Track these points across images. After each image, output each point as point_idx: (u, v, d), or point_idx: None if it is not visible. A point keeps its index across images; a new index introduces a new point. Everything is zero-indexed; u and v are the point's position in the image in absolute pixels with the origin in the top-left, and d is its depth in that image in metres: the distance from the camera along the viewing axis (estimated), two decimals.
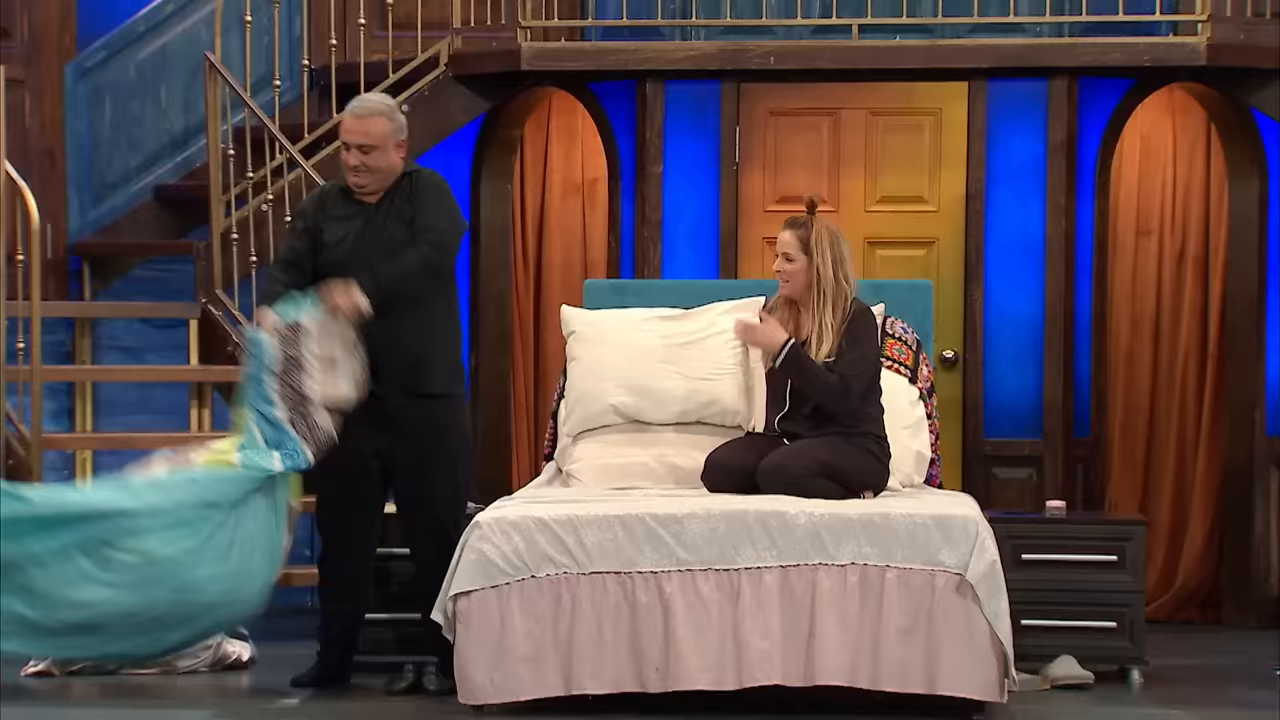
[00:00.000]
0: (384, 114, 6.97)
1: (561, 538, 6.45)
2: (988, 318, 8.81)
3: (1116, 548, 7.27)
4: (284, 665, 7.29)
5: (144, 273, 9.44)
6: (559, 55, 8.94)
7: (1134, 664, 7.27)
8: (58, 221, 9.32)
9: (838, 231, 6.93)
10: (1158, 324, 9.14)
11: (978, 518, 6.54)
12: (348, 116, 6.99)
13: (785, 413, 6.91)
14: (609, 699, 6.45)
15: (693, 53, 8.85)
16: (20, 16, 9.27)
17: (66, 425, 9.22)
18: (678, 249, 8.95)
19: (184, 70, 9.48)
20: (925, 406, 7.41)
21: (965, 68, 8.75)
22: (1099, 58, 8.68)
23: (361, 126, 6.93)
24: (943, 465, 7.74)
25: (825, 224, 6.91)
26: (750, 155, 8.95)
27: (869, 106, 8.92)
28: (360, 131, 6.93)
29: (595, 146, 9.33)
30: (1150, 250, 9.15)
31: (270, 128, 8.81)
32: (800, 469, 6.69)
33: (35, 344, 8.34)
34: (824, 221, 6.91)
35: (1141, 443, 9.13)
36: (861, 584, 6.40)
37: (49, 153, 9.34)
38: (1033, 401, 8.78)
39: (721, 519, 6.46)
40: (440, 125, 9.06)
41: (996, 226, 8.83)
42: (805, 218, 6.92)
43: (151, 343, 9.39)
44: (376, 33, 9.32)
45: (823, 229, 6.88)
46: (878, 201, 8.90)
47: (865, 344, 6.85)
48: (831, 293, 6.84)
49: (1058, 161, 8.75)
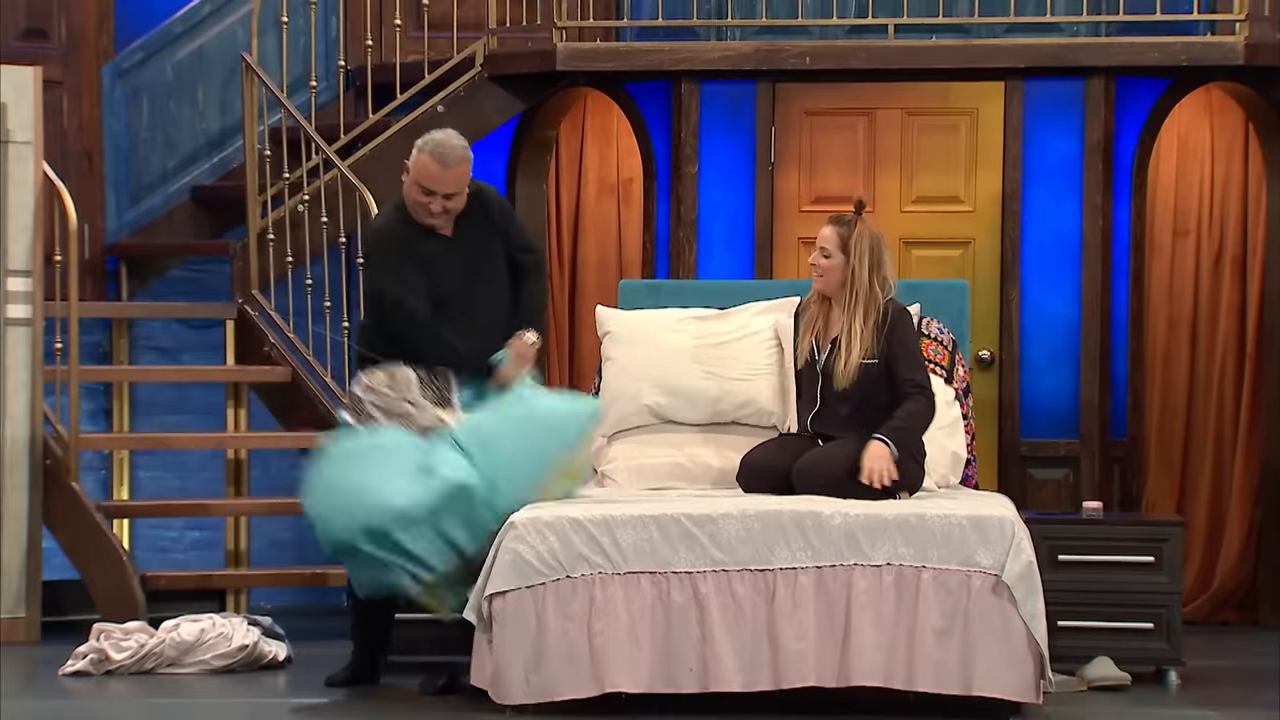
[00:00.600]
0: (468, 159, 6.86)
1: (596, 538, 6.46)
2: (1024, 318, 8.79)
3: (1153, 549, 7.24)
4: (319, 665, 7.32)
5: (181, 273, 9.48)
6: (594, 55, 8.95)
7: (1171, 665, 7.24)
8: (95, 222, 9.36)
9: (880, 235, 6.90)
10: (1195, 324, 9.11)
11: (1014, 518, 6.53)
12: (434, 165, 6.78)
13: (817, 412, 6.90)
14: (643, 699, 6.45)
15: (728, 53, 8.85)
16: (58, 18, 9.32)
17: (103, 425, 9.26)
18: (713, 249, 8.95)
19: (221, 71, 9.51)
20: (961, 407, 7.39)
21: (1001, 67, 8.73)
22: (1136, 57, 8.65)
23: (453, 177, 6.80)
24: (978, 466, 7.73)
25: (869, 227, 6.88)
26: (785, 155, 8.94)
27: (904, 106, 8.91)
28: (453, 182, 6.80)
29: (630, 146, 9.33)
30: (1188, 250, 9.12)
31: (306, 128, 8.84)
32: (835, 470, 6.68)
33: (73, 344, 8.38)
34: (868, 224, 6.89)
35: (1179, 443, 9.10)
36: (897, 584, 6.39)
37: (86, 154, 9.38)
38: (1069, 402, 8.75)
39: (756, 519, 6.46)
40: (476, 126, 9.06)
41: (1032, 226, 8.80)
42: (850, 216, 6.90)
43: (188, 343, 9.42)
44: (412, 33, 9.34)
45: (865, 231, 6.86)
46: (913, 201, 8.89)
47: (911, 341, 6.84)
48: (864, 296, 6.82)
49: (1094, 161, 8.72)
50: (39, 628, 8.27)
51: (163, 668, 7.32)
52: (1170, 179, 9.12)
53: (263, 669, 7.42)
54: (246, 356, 9.03)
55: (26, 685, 7.37)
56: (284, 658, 7.51)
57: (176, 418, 9.34)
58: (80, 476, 8.43)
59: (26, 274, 8.30)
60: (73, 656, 7.34)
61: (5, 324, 8.26)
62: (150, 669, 7.30)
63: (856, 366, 6.79)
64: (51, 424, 8.41)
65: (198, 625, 7.39)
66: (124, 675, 7.26)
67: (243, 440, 8.96)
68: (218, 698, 6.91)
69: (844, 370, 6.79)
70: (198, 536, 9.40)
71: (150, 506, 9.03)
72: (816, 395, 6.90)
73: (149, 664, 7.31)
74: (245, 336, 9.03)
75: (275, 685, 7.17)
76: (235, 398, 9.04)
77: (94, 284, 9.31)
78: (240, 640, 7.39)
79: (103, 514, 8.37)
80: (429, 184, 6.83)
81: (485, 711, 6.52)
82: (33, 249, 8.31)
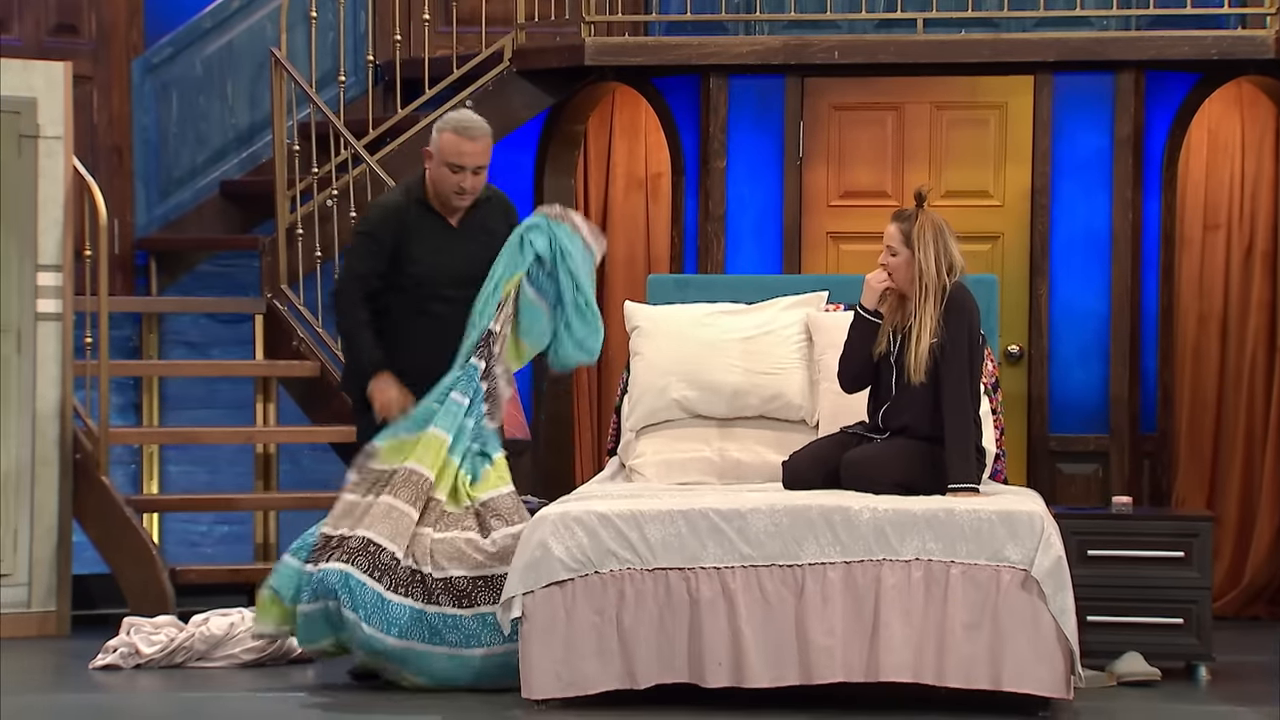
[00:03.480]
0: (489, 133, 6.95)
1: (625, 533, 6.45)
2: (1053, 313, 8.77)
3: (1183, 544, 7.22)
4: (346, 658, 7.32)
5: (210, 268, 9.49)
6: (623, 50, 8.94)
7: (1201, 661, 7.22)
8: (125, 217, 9.38)
9: (943, 223, 6.85)
10: (1225, 319, 9.08)
11: (1043, 513, 6.51)
12: (463, 140, 6.86)
13: (889, 406, 6.85)
14: (671, 694, 6.45)
15: (756, 47, 8.84)
16: (88, 13, 9.34)
17: (133, 420, 9.28)
18: (741, 244, 8.94)
19: (250, 66, 9.53)
20: (990, 401, 7.37)
21: (1031, 61, 8.71)
22: (1166, 51, 8.62)
23: (479, 150, 6.89)
24: (1007, 461, 7.71)
25: (930, 216, 6.84)
26: (814, 150, 8.93)
27: (933, 100, 8.89)
28: (480, 153, 6.88)
29: (659, 141, 9.33)
30: (1218, 244, 9.09)
31: (335, 123, 8.85)
32: (881, 481, 6.65)
33: (103, 339, 8.40)
34: (929, 214, 6.84)
35: (1209, 438, 9.07)
36: (926, 580, 6.38)
37: (116, 149, 9.40)
38: (1098, 397, 8.73)
39: (785, 514, 6.45)
40: (504, 120, 9.07)
41: (1062, 221, 8.78)
42: (912, 210, 6.86)
43: (217, 337, 9.44)
44: (441, 28, 9.35)
45: (926, 222, 6.82)
46: (942, 196, 8.86)
47: (961, 337, 6.76)
48: (933, 286, 6.79)
49: (1124, 155, 8.69)
50: (69, 621, 8.30)
51: (192, 661, 7.34)
52: (1200, 173, 9.09)
53: (291, 663, 7.43)
54: (275, 351, 9.04)
55: (57, 678, 7.40)
56: None
57: (206, 412, 9.36)
58: (110, 471, 8.45)
59: (57, 269, 8.32)
60: (103, 650, 7.37)
61: (36, 319, 8.29)
62: (180, 663, 7.32)
63: (926, 354, 6.75)
64: (82, 418, 8.43)
65: (227, 619, 7.41)
66: (153, 669, 7.28)
67: (271, 435, 8.98)
68: (246, 691, 6.93)
69: (915, 361, 6.75)
70: (227, 531, 9.42)
71: (180, 501, 9.05)
72: (891, 388, 6.87)
73: (178, 658, 7.32)
74: (274, 331, 9.05)
75: (303, 678, 7.18)
76: (264, 392, 9.05)
77: (124, 279, 9.33)
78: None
79: (132, 508, 8.39)
80: (456, 159, 6.88)
81: (514, 706, 6.52)
82: (63, 244, 8.33)
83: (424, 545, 6.71)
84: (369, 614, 6.64)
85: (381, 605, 6.65)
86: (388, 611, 6.65)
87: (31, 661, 7.63)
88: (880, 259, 6.85)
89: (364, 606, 6.63)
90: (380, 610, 6.65)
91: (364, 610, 6.63)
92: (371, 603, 6.64)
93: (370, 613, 6.65)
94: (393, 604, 6.65)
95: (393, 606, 6.65)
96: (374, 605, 6.65)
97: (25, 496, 8.23)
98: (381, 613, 6.65)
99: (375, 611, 6.64)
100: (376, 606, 6.65)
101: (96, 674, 7.26)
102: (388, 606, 6.65)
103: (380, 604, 6.65)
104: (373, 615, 6.65)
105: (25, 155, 8.25)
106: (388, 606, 6.65)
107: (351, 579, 6.62)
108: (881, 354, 6.87)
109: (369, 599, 6.63)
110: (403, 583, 6.67)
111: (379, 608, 6.65)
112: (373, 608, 6.65)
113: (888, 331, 6.87)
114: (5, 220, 8.21)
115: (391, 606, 6.65)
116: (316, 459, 9.41)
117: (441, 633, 6.68)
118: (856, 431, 6.94)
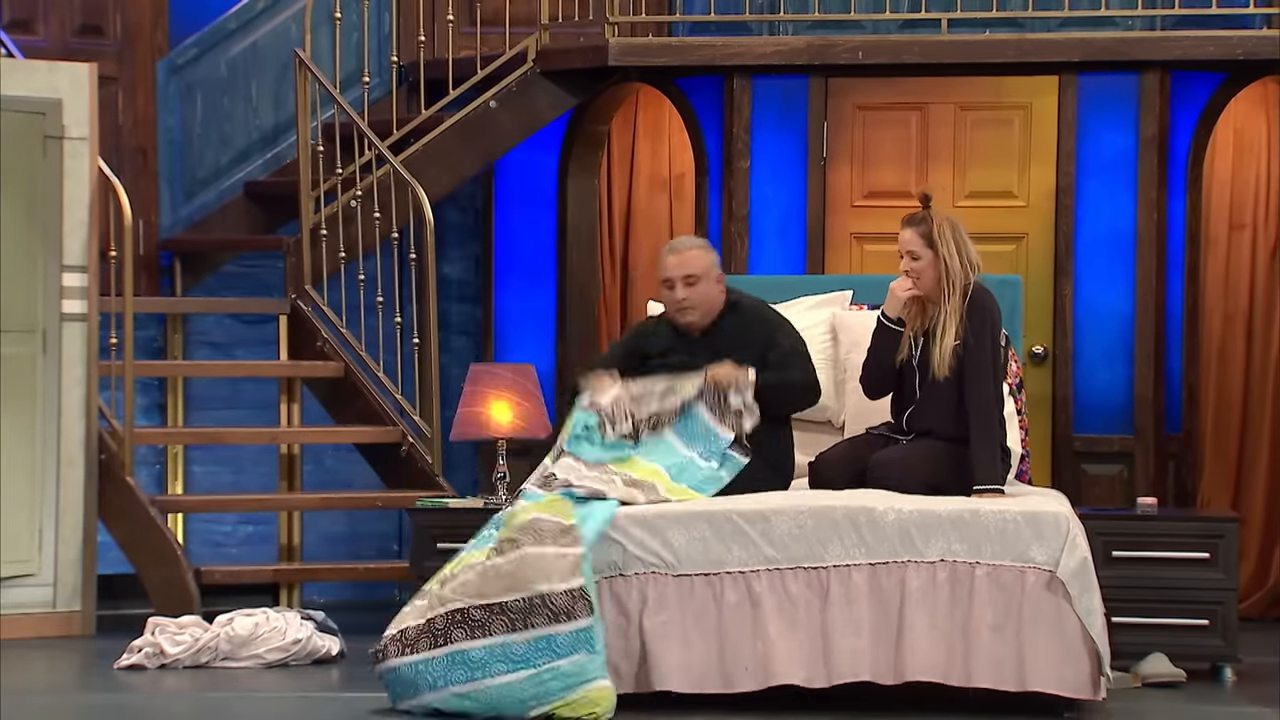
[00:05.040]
0: (701, 246, 7.04)
1: (648, 538, 6.45)
2: (1077, 313, 8.76)
3: (1209, 545, 7.20)
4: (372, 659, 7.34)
5: (234, 268, 9.51)
6: (646, 51, 8.94)
7: (1226, 662, 7.20)
8: (149, 217, 9.40)
9: (955, 219, 6.86)
10: (1250, 319, 9.06)
11: (1068, 514, 6.50)
12: (668, 255, 7.02)
13: (914, 409, 6.84)
14: (697, 696, 6.44)
15: (780, 48, 8.83)
16: (113, 14, 9.36)
17: (158, 420, 9.30)
18: (765, 244, 8.94)
19: (274, 67, 9.54)
20: (1015, 402, 7.36)
21: (1055, 61, 8.69)
22: (1191, 51, 8.60)
23: (682, 260, 6.97)
24: (1032, 461, 7.69)
25: (943, 215, 6.84)
26: (838, 150, 8.92)
27: (957, 101, 8.88)
28: (682, 264, 6.95)
29: (682, 142, 9.32)
30: (1243, 245, 9.07)
31: (359, 124, 8.86)
32: (909, 482, 6.64)
33: (127, 339, 8.42)
34: (941, 213, 6.85)
35: (1234, 439, 9.05)
36: (951, 581, 6.37)
37: (141, 149, 9.42)
38: (1123, 397, 8.71)
39: (809, 516, 6.44)
40: (528, 121, 9.08)
41: (1087, 221, 8.76)
42: (923, 213, 6.86)
43: (241, 338, 9.46)
44: (465, 28, 9.35)
45: (943, 220, 6.82)
46: (966, 196, 8.85)
47: (985, 337, 6.74)
48: (959, 283, 6.78)
49: (1149, 155, 8.68)
50: (94, 621, 8.32)
51: (217, 661, 7.35)
52: (1226, 173, 9.07)
53: (316, 663, 7.44)
54: (299, 351, 9.06)
55: (82, 678, 7.41)
56: (337, 652, 7.53)
57: (230, 412, 9.37)
58: (135, 471, 8.47)
59: (82, 269, 8.34)
60: (128, 650, 7.38)
61: (61, 319, 8.31)
62: (205, 663, 7.33)
63: (951, 351, 6.74)
64: (106, 419, 8.45)
65: (251, 619, 7.42)
66: (178, 669, 7.29)
67: (296, 435, 8.99)
68: (271, 691, 6.94)
69: (940, 356, 6.74)
70: (251, 531, 9.44)
71: (204, 501, 9.07)
72: (915, 391, 6.86)
73: (203, 658, 7.34)
74: (298, 331, 9.06)
75: (328, 679, 7.19)
76: (288, 393, 9.06)
77: (148, 279, 9.35)
78: (294, 635, 7.41)
79: (157, 508, 8.41)
80: (664, 272, 6.99)
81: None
82: (88, 244, 8.35)
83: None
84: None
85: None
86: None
87: (57, 661, 7.65)
88: (902, 266, 6.84)
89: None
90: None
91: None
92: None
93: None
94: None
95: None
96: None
97: (50, 497, 8.25)
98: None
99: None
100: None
101: (121, 674, 7.28)
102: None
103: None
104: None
105: (50, 156, 8.27)
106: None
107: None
108: (904, 359, 6.86)
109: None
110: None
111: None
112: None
113: (910, 337, 6.86)
114: (31, 221, 8.23)
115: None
116: (340, 459, 9.43)
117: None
118: (882, 433, 6.93)
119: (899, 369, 6.87)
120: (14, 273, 8.19)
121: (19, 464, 8.17)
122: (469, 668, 6.30)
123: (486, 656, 6.29)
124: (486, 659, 6.29)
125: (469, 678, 6.29)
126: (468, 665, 6.30)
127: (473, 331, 9.70)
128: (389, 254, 8.93)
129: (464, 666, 6.30)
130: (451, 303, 9.66)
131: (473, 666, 6.30)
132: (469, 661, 6.30)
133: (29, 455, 8.20)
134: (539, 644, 6.26)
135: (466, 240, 9.75)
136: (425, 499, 7.72)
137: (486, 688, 6.28)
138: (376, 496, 8.79)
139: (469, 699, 6.30)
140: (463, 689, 6.30)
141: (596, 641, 6.28)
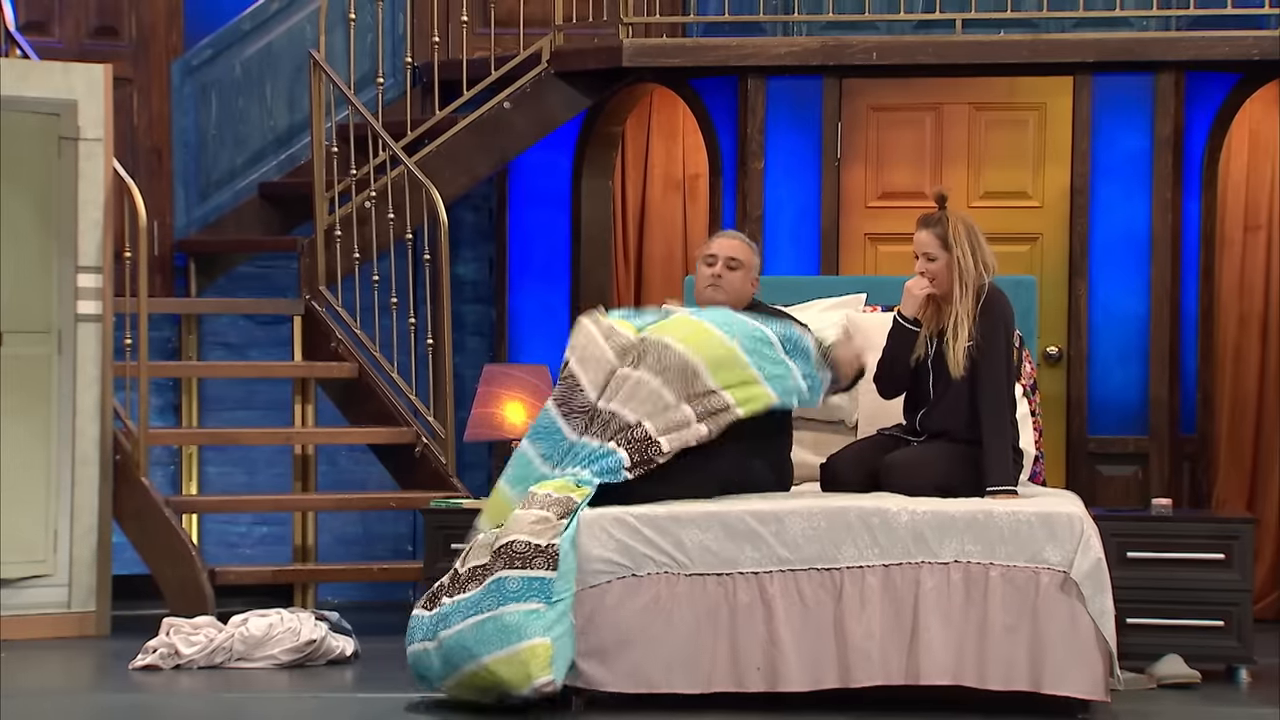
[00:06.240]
0: (752, 245, 7.12)
1: (661, 536, 6.45)
2: (1092, 314, 8.74)
3: (1224, 546, 7.19)
4: (387, 660, 7.34)
5: (248, 269, 9.52)
6: (660, 52, 8.94)
7: (1241, 663, 7.19)
8: (164, 218, 9.42)
9: (971, 219, 6.85)
10: (1266, 320, 9.04)
11: (1082, 515, 6.49)
12: (719, 236, 7.14)
13: (927, 410, 6.83)
14: (709, 696, 6.44)
15: (794, 48, 8.83)
16: (128, 16, 9.38)
17: (172, 421, 9.31)
18: (779, 245, 8.93)
19: (289, 68, 9.55)
20: (1029, 403, 7.35)
21: (1070, 62, 8.68)
22: (1205, 51, 8.59)
23: (732, 244, 7.06)
24: (1046, 462, 7.68)
25: (959, 215, 6.83)
26: (852, 151, 8.92)
27: (972, 101, 8.87)
28: (731, 248, 7.03)
29: (696, 142, 9.32)
30: (1259, 245, 9.05)
31: (374, 125, 8.86)
32: (922, 483, 6.63)
33: (142, 340, 8.43)
34: (957, 213, 6.84)
35: (1249, 440, 9.03)
36: (965, 582, 6.36)
37: (156, 150, 9.44)
38: (1138, 398, 8.70)
39: (822, 517, 6.44)
40: (542, 122, 9.08)
41: (1101, 222, 8.75)
42: (938, 214, 6.85)
43: (256, 339, 9.47)
44: (479, 30, 9.36)
45: (958, 221, 6.81)
46: (981, 197, 8.85)
47: (997, 337, 6.74)
48: (974, 283, 6.78)
49: (1164, 156, 8.66)
50: (109, 622, 8.33)
51: (231, 662, 7.36)
52: (1241, 174, 9.05)
53: (330, 664, 7.45)
54: (313, 352, 9.06)
55: (97, 678, 7.42)
56: (351, 653, 7.54)
57: (244, 413, 9.39)
58: (149, 471, 8.48)
59: (97, 270, 8.35)
60: (143, 650, 7.39)
61: (76, 320, 8.32)
62: (219, 663, 7.34)
63: (964, 353, 6.73)
64: (121, 419, 8.46)
65: (266, 620, 7.43)
66: (193, 669, 7.30)
67: (310, 436, 9.00)
68: (286, 692, 6.94)
69: (955, 355, 6.73)
70: (265, 532, 9.45)
71: (218, 502, 9.08)
72: (929, 392, 6.85)
73: (218, 658, 7.34)
74: (312, 332, 9.07)
75: (343, 680, 7.19)
76: (302, 393, 9.07)
77: (163, 280, 9.37)
78: (308, 635, 7.42)
79: (171, 509, 8.42)
80: (711, 248, 7.06)
81: (547, 705, 6.52)
82: (103, 245, 8.36)
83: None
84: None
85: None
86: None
87: (71, 662, 7.66)
88: (918, 267, 6.83)
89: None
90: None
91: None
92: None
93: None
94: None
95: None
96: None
97: (65, 497, 8.26)
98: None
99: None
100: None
101: (136, 674, 7.29)
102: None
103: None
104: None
105: (65, 157, 8.29)
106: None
107: None
108: (919, 359, 6.85)
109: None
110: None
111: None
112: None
113: (925, 337, 6.85)
114: (46, 222, 8.25)
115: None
116: (354, 460, 9.43)
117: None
118: (894, 434, 6.93)
119: (914, 369, 6.86)
120: (29, 273, 8.20)
121: (34, 464, 8.19)
122: (437, 623, 6.37)
123: (451, 610, 6.35)
124: (450, 612, 6.35)
125: (433, 633, 6.37)
126: (441, 621, 6.37)
127: (486, 332, 9.70)
128: (403, 255, 8.94)
129: (441, 623, 6.37)
130: (465, 303, 9.67)
131: (439, 622, 6.36)
132: (441, 617, 6.37)
133: (44, 456, 8.21)
134: (490, 587, 6.30)
135: (480, 241, 9.75)
136: (439, 500, 7.72)
137: (442, 640, 6.34)
138: (390, 497, 8.80)
139: (431, 654, 6.37)
140: (430, 644, 6.38)
141: (552, 596, 6.25)
